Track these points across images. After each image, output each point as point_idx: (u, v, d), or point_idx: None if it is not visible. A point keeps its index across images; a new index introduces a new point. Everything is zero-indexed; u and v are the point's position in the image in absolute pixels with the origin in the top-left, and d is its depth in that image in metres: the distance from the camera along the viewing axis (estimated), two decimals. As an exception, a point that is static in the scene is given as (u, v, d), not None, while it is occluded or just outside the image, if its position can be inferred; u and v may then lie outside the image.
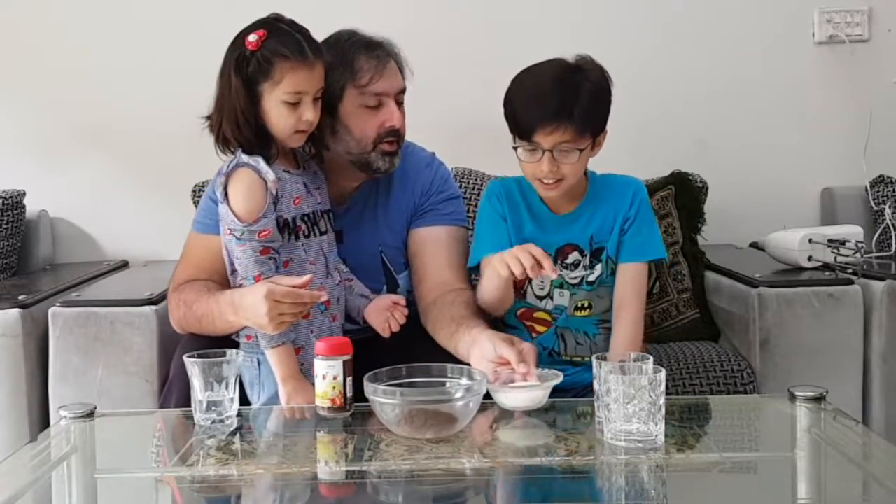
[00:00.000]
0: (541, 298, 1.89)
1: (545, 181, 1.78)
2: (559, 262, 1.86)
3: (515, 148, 1.79)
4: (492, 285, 1.80)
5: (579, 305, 1.88)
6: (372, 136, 1.89)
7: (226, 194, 1.76)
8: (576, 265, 1.86)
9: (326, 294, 1.78)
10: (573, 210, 1.87)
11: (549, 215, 1.88)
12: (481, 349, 1.69)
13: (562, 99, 1.72)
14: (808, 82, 2.93)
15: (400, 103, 1.93)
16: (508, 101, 1.80)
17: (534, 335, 1.89)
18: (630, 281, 1.86)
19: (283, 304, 1.68)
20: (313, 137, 1.83)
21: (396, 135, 1.91)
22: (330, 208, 1.90)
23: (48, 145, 2.92)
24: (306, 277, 1.71)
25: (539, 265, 1.66)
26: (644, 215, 1.87)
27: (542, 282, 1.86)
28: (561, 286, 1.87)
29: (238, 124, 1.74)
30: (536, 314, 1.89)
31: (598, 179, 1.90)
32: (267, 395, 1.79)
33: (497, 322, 1.94)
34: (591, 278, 1.87)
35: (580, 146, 1.75)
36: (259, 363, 1.79)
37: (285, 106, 1.74)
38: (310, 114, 1.75)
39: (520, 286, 1.88)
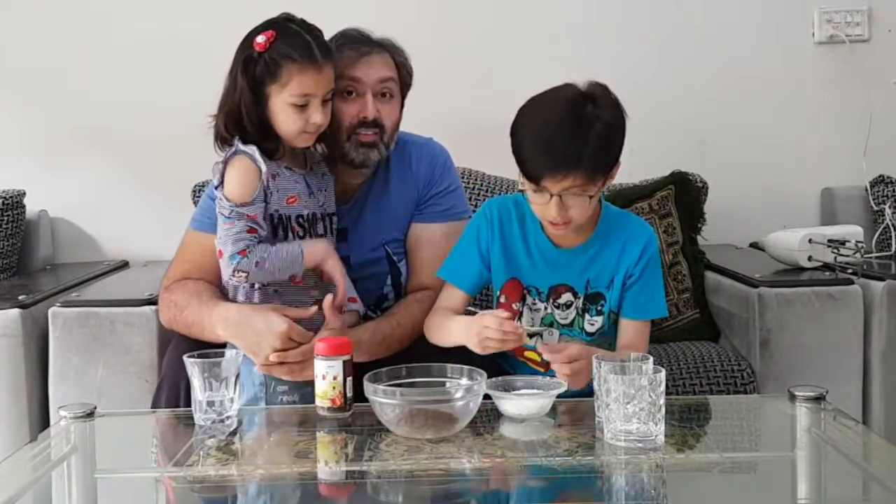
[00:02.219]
0: (529, 336, 1.77)
1: (553, 222, 1.70)
2: (551, 300, 1.79)
3: (522, 188, 1.71)
4: (452, 340, 1.75)
5: None
6: (345, 125, 1.87)
7: (222, 180, 1.75)
8: (568, 306, 1.79)
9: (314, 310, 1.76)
10: (578, 246, 1.78)
11: (549, 247, 1.78)
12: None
13: (570, 146, 1.62)
14: (808, 82, 2.93)
15: (385, 94, 1.90)
16: (515, 139, 1.69)
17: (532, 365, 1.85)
18: (635, 335, 1.79)
19: (293, 344, 1.68)
20: (326, 138, 1.81)
21: (374, 126, 1.88)
22: (333, 211, 1.88)
23: (48, 145, 2.92)
24: (312, 309, 1.71)
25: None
26: (651, 273, 1.78)
27: (532, 320, 1.79)
28: (551, 324, 1.80)
29: (241, 124, 1.73)
30: (528, 353, 1.82)
31: (611, 215, 1.80)
32: (247, 396, 1.77)
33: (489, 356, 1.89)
34: (592, 330, 1.80)
35: (590, 192, 1.66)
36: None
37: (293, 108, 1.72)
38: (318, 116, 1.73)
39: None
